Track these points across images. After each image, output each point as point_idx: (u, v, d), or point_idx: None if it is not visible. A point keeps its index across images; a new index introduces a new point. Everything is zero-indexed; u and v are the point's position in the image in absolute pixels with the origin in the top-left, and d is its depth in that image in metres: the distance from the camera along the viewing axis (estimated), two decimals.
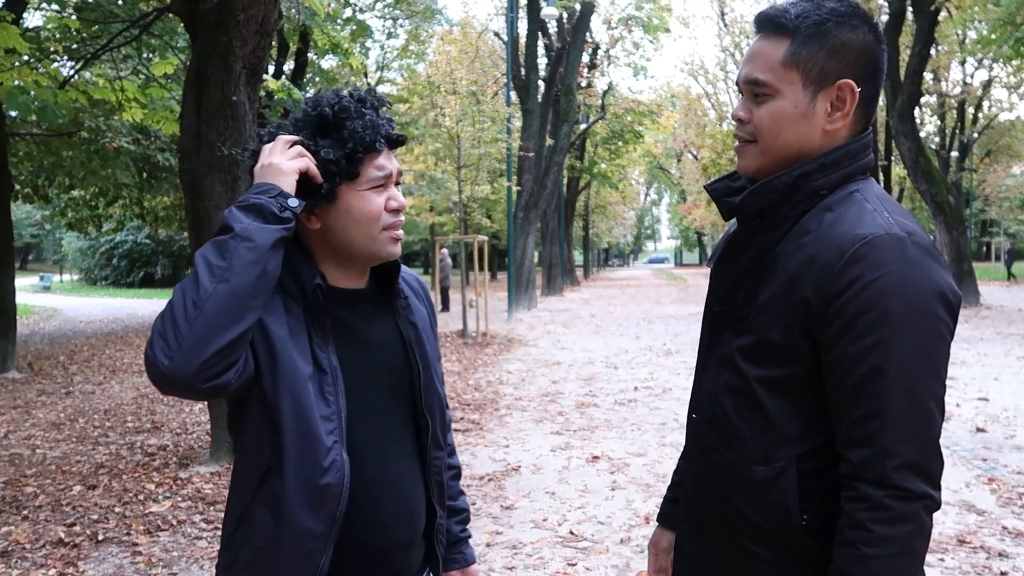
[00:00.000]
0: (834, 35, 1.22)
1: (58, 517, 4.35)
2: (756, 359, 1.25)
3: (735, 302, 1.31)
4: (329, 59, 18.18)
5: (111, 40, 6.37)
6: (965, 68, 30.64)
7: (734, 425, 1.28)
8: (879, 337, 1.13)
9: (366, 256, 1.37)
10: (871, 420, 1.14)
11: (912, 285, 1.14)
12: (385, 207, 1.35)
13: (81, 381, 9.54)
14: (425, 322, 1.51)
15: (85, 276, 39.52)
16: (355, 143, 1.30)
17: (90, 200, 15.45)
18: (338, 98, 1.33)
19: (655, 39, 27.05)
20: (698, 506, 1.37)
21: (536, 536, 4.11)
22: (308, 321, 1.30)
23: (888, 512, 1.12)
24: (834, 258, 1.15)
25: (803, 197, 1.24)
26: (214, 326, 1.15)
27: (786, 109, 1.24)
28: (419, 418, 1.45)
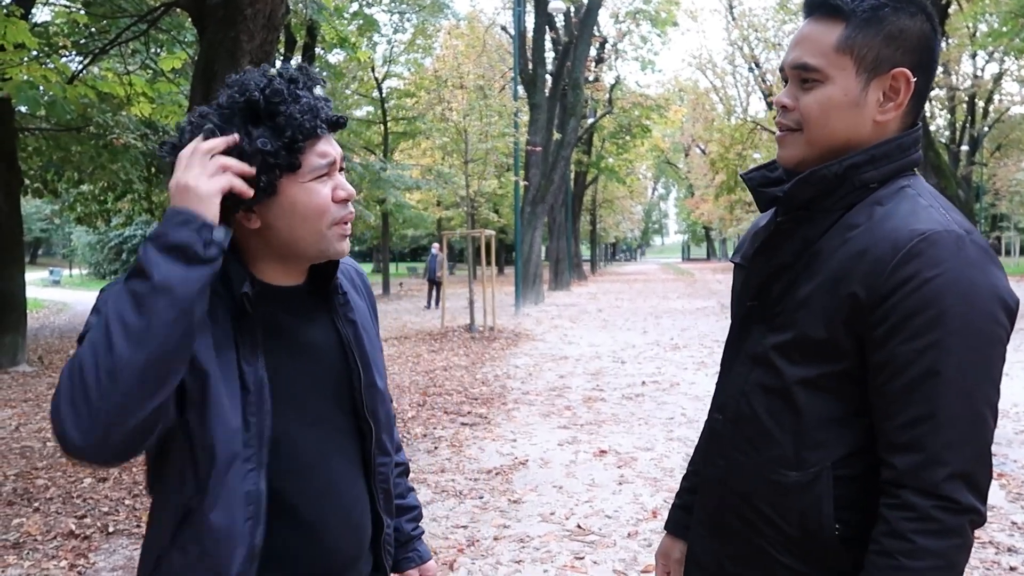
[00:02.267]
0: (891, 21, 1.15)
1: (69, 509, 4.38)
2: (794, 357, 1.18)
3: (770, 296, 1.25)
4: (336, 53, 18.21)
5: (119, 35, 6.40)
6: (976, 61, 30.45)
7: (764, 425, 1.21)
8: (935, 337, 1.06)
9: (313, 255, 1.25)
10: (921, 424, 1.07)
11: (971, 285, 1.07)
12: (332, 198, 1.21)
13: None
14: (365, 317, 1.40)
15: (94, 270, 39.70)
16: (293, 130, 1.15)
17: (99, 195, 15.50)
18: (268, 80, 1.16)
19: (663, 33, 27.00)
20: (717, 510, 1.31)
21: (544, 530, 4.11)
22: (235, 330, 1.18)
23: (934, 524, 1.05)
24: (888, 253, 1.09)
25: (851, 189, 1.17)
26: (133, 399, 1.00)
27: (836, 96, 1.16)
28: (361, 423, 1.34)
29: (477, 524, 4.19)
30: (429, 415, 6.90)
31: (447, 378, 8.81)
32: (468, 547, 3.87)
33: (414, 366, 9.76)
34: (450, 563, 3.69)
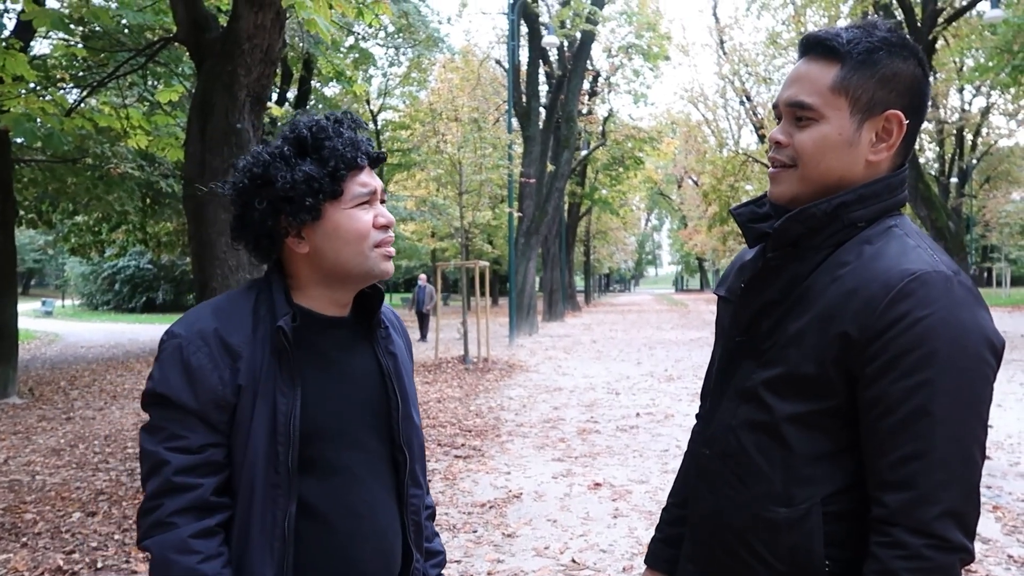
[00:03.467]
0: (886, 64, 1.18)
1: (57, 544, 4.32)
2: (783, 393, 1.19)
3: (758, 332, 1.26)
4: (332, 86, 18.38)
5: (118, 68, 6.46)
6: (963, 95, 30.91)
7: (753, 462, 1.21)
8: (925, 376, 1.08)
9: (359, 275, 1.35)
10: (912, 462, 1.08)
11: (960, 326, 1.09)
12: (373, 223, 1.34)
13: (82, 407, 9.52)
14: (403, 354, 1.50)
15: (87, 301, 39.56)
16: (336, 160, 1.30)
17: (93, 226, 15.53)
18: (315, 120, 1.34)
19: (655, 67, 27.30)
20: (706, 546, 1.31)
21: (538, 564, 4.07)
22: (277, 360, 1.29)
23: (925, 563, 1.06)
24: (879, 292, 1.10)
25: (840, 227, 1.19)
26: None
27: (831, 135, 1.19)
28: (397, 453, 1.42)
29: (471, 559, 4.15)
30: None
31: (440, 410, 8.76)
32: None
33: None
34: None
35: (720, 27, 32.72)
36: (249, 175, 1.31)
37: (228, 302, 1.35)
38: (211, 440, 1.27)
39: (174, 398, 1.25)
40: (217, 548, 1.25)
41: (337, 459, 1.33)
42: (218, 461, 1.28)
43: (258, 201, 1.30)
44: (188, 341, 1.27)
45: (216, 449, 1.27)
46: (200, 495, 1.24)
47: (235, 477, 1.29)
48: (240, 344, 1.28)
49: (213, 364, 1.26)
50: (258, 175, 1.30)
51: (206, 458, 1.26)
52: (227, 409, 1.27)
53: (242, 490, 1.28)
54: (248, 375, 1.27)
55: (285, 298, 1.33)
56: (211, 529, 1.25)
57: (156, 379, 1.27)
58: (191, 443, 1.25)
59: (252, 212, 1.31)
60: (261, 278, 1.39)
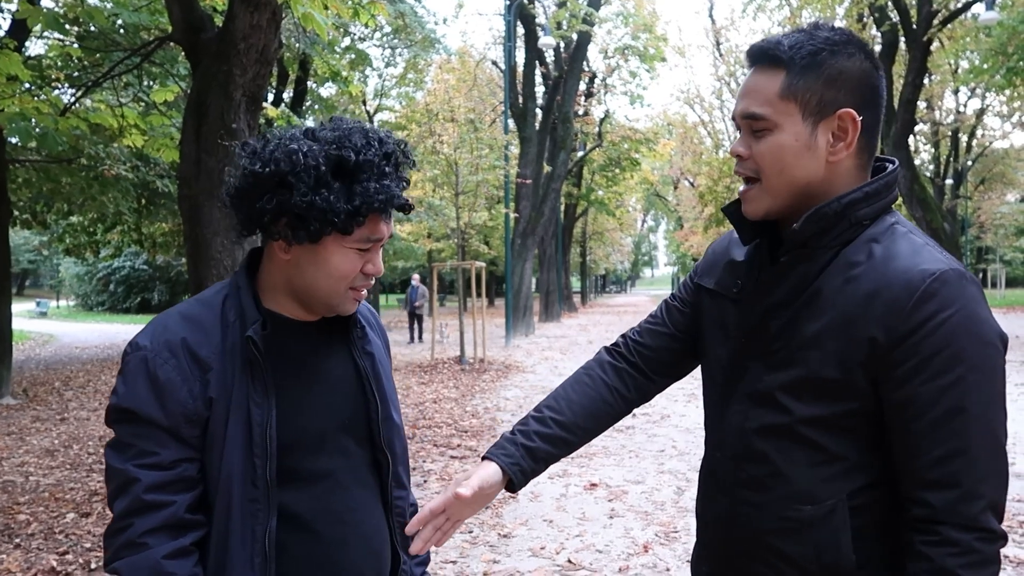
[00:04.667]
0: (830, 64, 1.19)
1: (51, 545, 4.30)
2: (803, 396, 1.19)
3: (767, 333, 1.24)
4: (328, 87, 18.37)
5: (113, 68, 6.44)
6: (958, 97, 31.02)
7: (774, 464, 1.22)
8: (957, 375, 1.10)
9: (323, 305, 1.31)
10: (954, 460, 1.10)
11: (980, 322, 1.12)
12: (361, 269, 1.29)
13: (76, 407, 9.49)
14: (381, 353, 1.45)
15: (82, 302, 39.45)
16: (363, 203, 1.21)
17: (88, 226, 15.47)
18: (366, 147, 1.22)
19: (651, 68, 27.32)
20: (723, 547, 1.31)
21: (534, 565, 4.07)
22: (249, 368, 1.24)
23: (977, 556, 1.09)
24: (903, 295, 1.11)
25: (848, 226, 1.20)
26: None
27: (787, 142, 1.19)
28: (379, 455, 1.39)
29: (466, 559, 4.14)
30: (418, 448, 6.85)
31: (437, 410, 8.76)
32: None
33: (403, 398, 9.70)
34: None
35: (716, 29, 32.80)
36: (273, 165, 1.21)
37: (195, 308, 1.28)
38: (183, 455, 1.21)
39: (142, 413, 1.19)
40: (192, 569, 1.20)
41: (318, 466, 1.30)
42: (191, 477, 1.22)
43: (268, 197, 1.22)
44: (155, 353, 1.21)
45: (189, 464, 1.22)
46: (173, 512, 1.19)
47: (210, 493, 1.23)
48: (209, 355, 1.22)
49: (182, 377, 1.20)
50: (282, 172, 1.20)
51: (179, 474, 1.20)
52: (198, 423, 1.21)
53: (219, 506, 1.23)
54: (219, 386, 1.22)
55: (254, 303, 1.27)
56: (186, 548, 1.20)
57: (121, 394, 1.21)
58: (163, 459, 1.19)
59: (257, 199, 1.23)
60: (229, 280, 1.33)
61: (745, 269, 1.33)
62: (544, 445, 1.38)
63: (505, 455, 1.35)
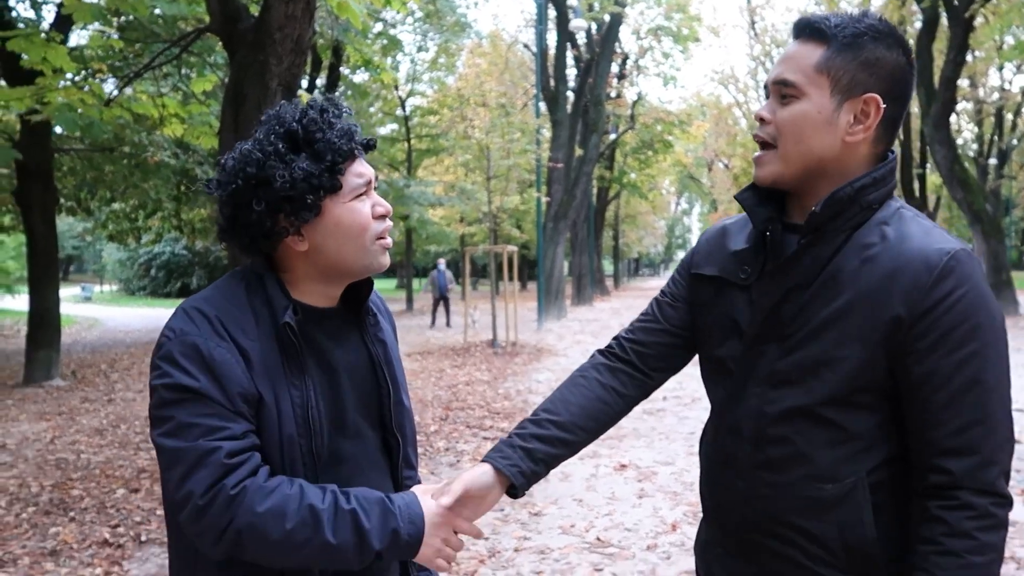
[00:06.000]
0: (869, 49, 1.23)
1: (103, 519, 4.52)
2: (822, 377, 1.22)
3: (781, 317, 1.27)
4: (360, 73, 18.50)
5: (154, 59, 6.61)
6: (1003, 74, 30.14)
7: (795, 445, 1.25)
8: (974, 348, 1.15)
9: (359, 269, 1.32)
10: (973, 429, 1.15)
11: (989, 297, 1.19)
12: (372, 214, 1.30)
13: (122, 389, 9.81)
14: (391, 340, 1.48)
15: (124, 287, 40.39)
16: (332, 153, 1.24)
17: (130, 213, 15.88)
18: (302, 111, 1.27)
19: (685, 49, 27.04)
20: (740, 529, 1.34)
21: (563, 542, 4.17)
22: (282, 354, 1.26)
23: (993, 519, 1.15)
24: (923, 272, 1.16)
25: (858, 210, 1.24)
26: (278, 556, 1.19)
27: (810, 112, 1.23)
28: (389, 438, 1.43)
29: (498, 536, 4.26)
30: (451, 429, 6.98)
31: (469, 393, 8.89)
32: (489, 558, 3.94)
33: (437, 381, 9.85)
34: (471, 574, 3.76)
35: (751, 7, 32.27)
36: (243, 175, 1.24)
37: (224, 298, 1.28)
38: (248, 428, 1.21)
39: (204, 392, 1.17)
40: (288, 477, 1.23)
41: (341, 449, 1.33)
42: (259, 446, 1.23)
43: (256, 202, 1.23)
44: (205, 337, 1.21)
45: (255, 436, 1.22)
46: (255, 463, 1.20)
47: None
48: (245, 342, 1.23)
49: (234, 359, 1.21)
50: (253, 175, 1.23)
51: (251, 443, 1.21)
52: (252, 403, 1.22)
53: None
54: (260, 371, 1.23)
55: (282, 292, 1.29)
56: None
57: (176, 376, 1.18)
58: (234, 431, 1.19)
59: (249, 214, 1.25)
60: (246, 269, 1.33)
61: (750, 255, 1.36)
62: (542, 446, 1.39)
63: (502, 457, 1.36)
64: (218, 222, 1.31)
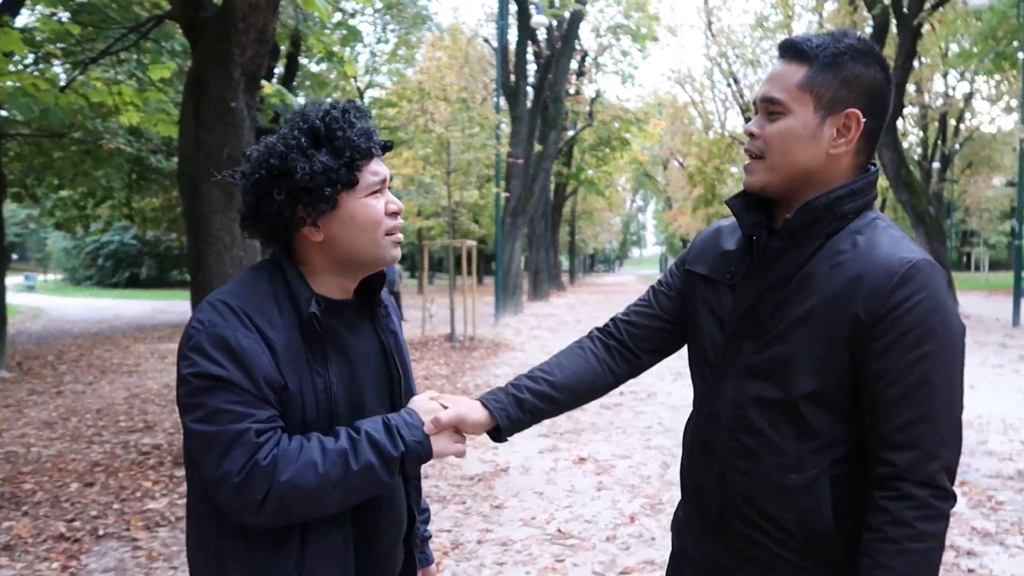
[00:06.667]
0: (849, 67, 1.31)
1: (57, 513, 4.44)
2: (794, 371, 1.31)
3: (758, 315, 1.37)
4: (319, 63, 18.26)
5: (111, 45, 6.46)
6: (947, 80, 31.14)
7: (766, 436, 1.34)
8: (926, 350, 1.24)
9: (371, 261, 1.40)
10: (918, 425, 1.24)
11: (947, 306, 1.27)
12: (385, 211, 1.38)
13: (71, 381, 9.58)
14: (400, 331, 1.57)
15: (69, 276, 39.29)
16: (351, 151, 1.32)
17: (79, 200, 15.46)
18: (325, 111, 1.35)
19: (643, 47, 27.31)
20: (716, 513, 1.43)
21: (525, 534, 4.24)
22: (305, 343, 1.33)
23: (931, 510, 1.23)
24: (884, 278, 1.25)
25: (833, 219, 1.33)
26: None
27: (796, 128, 1.32)
28: None
29: (461, 528, 4.31)
30: None
31: (428, 387, 8.91)
32: (452, 550, 3.99)
33: None
34: (435, 565, 3.80)
35: (708, 8, 32.71)
36: (266, 166, 1.32)
37: (248, 291, 1.34)
38: (274, 413, 1.29)
39: (232, 380, 1.24)
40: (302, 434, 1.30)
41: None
42: (284, 428, 1.30)
43: (276, 192, 1.31)
44: (232, 328, 1.27)
45: (280, 420, 1.30)
46: (280, 436, 1.28)
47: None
48: (271, 333, 1.30)
49: (260, 348, 1.27)
50: (275, 166, 1.31)
51: (277, 426, 1.29)
52: (278, 392, 1.29)
53: None
54: (286, 361, 1.30)
55: (304, 284, 1.36)
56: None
57: (205, 365, 1.24)
58: (260, 416, 1.26)
59: (270, 203, 1.32)
60: (268, 262, 1.40)
61: (737, 257, 1.46)
62: (532, 399, 1.50)
63: (494, 400, 1.48)
64: (240, 211, 1.39)
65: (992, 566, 3.77)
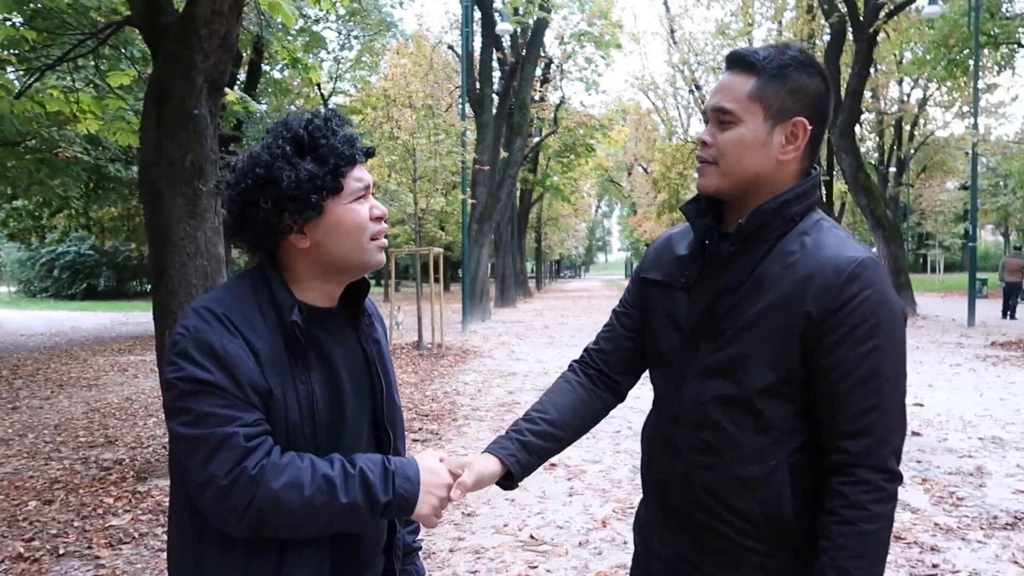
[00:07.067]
0: (794, 78, 1.38)
1: (15, 532, 4.31)
2: (751, 369, 1.36)
3: (714, 316, 1.42)
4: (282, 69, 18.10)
5: (70, 51, 6.32)
6: (902, 87, 31.92)
7: (727, 431, 1.40)
8: (875, 343, 1.31)
9: (357, 266, 1.41)
10: (870, 414, 1.31)
11: (891, 300, 1.34)
12: (369, 216, 1.39)
13: (27, 396, 9.32)
14: (383, 340, 1.59)
15: (24, 288, 38.26)
16: (335, 157, 1.34)
17: (34, 210, 15.07)
18: (308, 119, 1.37)
19: (606, 55, 27.56)
20: (680, 507, 1.48)
21: (497, 541, 4.22)
22: (288, 350, 1.34)
23: (883, 493, 1.31)
24: (833, 277, 1.31)
25: (782, 221, 1.39)
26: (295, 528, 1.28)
27: (747, 136, 1.38)
28: (381, 432, 1.51)
29: (432, 537, 4.28)
30: None
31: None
32: (424, 559, 3.96)
33: None
34: None
35: (671, 16, 33.12)
36: (252, 176, 1.34)
37: (232, 298, 1.35)
38: (260, 417, 1.30)
39: (218, 384, 1.26)
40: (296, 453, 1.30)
41: (338, 441, 1.41)
42: (270, 432, 1.31)
43: (263, 200, 1.33)
44: (218, 333, 1.28)
45: (266, 423, 1.30)
46: (270, 445, 1.28)
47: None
48: (255, 340, 1.31)
49: (245, 353, 1.29)
50: (261, 175, 1.33)
51: (264, 430, 1.30)
52: (262, 396, 1.30)
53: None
54: (269, 368, 1.31)
55: (287, 292, 1.38)
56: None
57: (190, 369, 1.26)
58: (247, 419, 1.27)
59: (256, 212, 1.34)
60: (253, 271, 1.42)
61: (691, 261, 1.51)
62: (536, 440, 1.55)
63: (502, 449, 1.52)
64: (226, 220, 1.40)
65: (955, 561, 3.85)
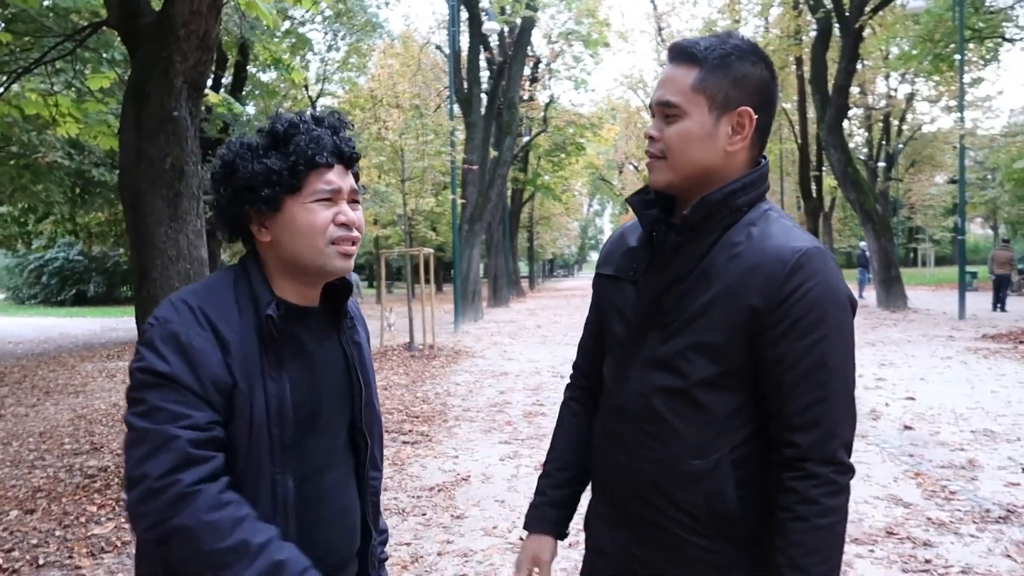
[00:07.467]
0: (737, 67, 1.35)
1: None
2: (694, 360, 1.34)
3: (662, 307, 1.40)
4: (269, 72, 18.00)
5: (46, 54, 6.24)
6: (889, 82, 32.00)
7: (669, 423, 1.37)
8: (820, 334, 1.29)
9: (314, 269, 1.37)
10: (817, 406, 1.29)
11: (838, 290, 1.32)
12: (333, 220, 1.35)
13: (13, 403, 9.22)
14: (365, 344, 1.56)
15: (12, 295, 38.00)
16: (297, 156, 1.33)
17: (19, 216, 14.96)
18: (295, 116, 1.38)
19: (595, 53, 27.54)
20: (626, 502, 1.45)
21: (487, 543, 4.17)
22: (261, 346, 1.32)
23: (835, 486, 1.29)
24: (778, 268, 1.29)
25: (728, 212, 1.37)
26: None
27: (693, 129, 1.35)
28: (357, 436, 1.49)
29: (420, 540, 4.22)
30: None
31: (388, 397, 8.78)
32: (412, 563, 3.90)
33: None
34: None
35: (658, 14, 33.14)
36: (221, 162, 1.38)
37: (206, 292, 1.35)
38: (214, 419, 1.26)
39: (176, 378, 1.23)
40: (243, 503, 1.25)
41: (312, 444, 1.38)
42: (222, 440, 1.27)
43: (223, 188, 1.36)
44: (185, 326, 1.27)
45: (220, 429, 1.27)
46: (216, 466, 1.24)
47: (236, 462, 1.29)
48: (228, 334, 1.30)
49: (212, 348, 1.27)
50: (227, 163, 1.36)
51: (214, 436, 1.25)
52: (225, 393, 1.27)
53: (249, 474, 1.30)
54: (239, 363, 1.29)
55: (266, 287, 1.37)
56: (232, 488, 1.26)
57: (151, 360, 1.24)
58: (198, 421, 1.23)
59: (221, 198, 1.38)
60: (237, 264, 1.42)
61: (639, 253, 1.49)
62: (561, 492, 1.61)
63: (542, 520, 1.60)
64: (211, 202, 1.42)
65: (948, 556, 3.82)
